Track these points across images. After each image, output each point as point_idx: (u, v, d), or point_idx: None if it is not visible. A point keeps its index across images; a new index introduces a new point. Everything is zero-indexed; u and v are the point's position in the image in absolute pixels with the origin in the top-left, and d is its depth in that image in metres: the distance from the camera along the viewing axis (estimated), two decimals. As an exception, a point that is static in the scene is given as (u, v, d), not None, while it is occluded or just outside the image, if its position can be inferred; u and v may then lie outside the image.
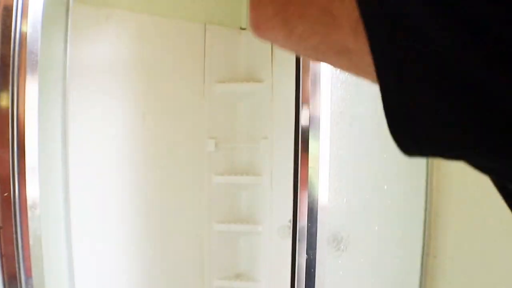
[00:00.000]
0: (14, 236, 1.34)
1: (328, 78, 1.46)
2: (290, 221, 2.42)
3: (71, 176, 1.81)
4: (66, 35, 1.77)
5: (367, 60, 0.36)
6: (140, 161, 2.66)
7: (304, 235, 1.47)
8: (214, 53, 2.90)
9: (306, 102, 1.42)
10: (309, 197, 1.45)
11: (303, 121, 1.46)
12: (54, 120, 1.73)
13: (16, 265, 1.36)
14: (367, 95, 1.70)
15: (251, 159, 2.95)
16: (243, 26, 3.00)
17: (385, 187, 1.84)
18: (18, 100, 1.32)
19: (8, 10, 1.29)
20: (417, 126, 0.34)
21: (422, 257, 2.12)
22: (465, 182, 2.05)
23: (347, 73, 0.50)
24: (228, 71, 2.93)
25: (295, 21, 0.43)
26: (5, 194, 1.28)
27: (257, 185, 2.89)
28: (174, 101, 2.79)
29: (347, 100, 1.56)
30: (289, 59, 2.57)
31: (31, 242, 1.35)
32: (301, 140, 1.45)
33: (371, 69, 0.36)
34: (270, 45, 2.82)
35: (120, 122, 2.59)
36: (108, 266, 2.59)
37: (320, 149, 1.46)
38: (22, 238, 1.33)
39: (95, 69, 2.50)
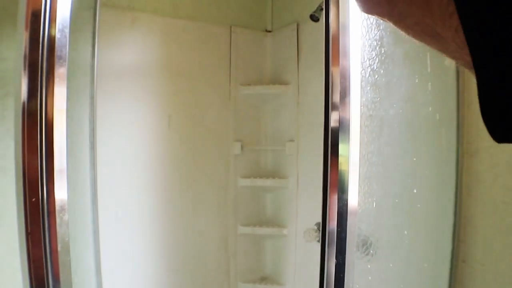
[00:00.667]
0: (42, 241, 1.34)
1: (358, 80, 1.44)
2: (316, 225, 2.42)
3: (99, 179, 1.81)
4: (94, 39, 1.78)
5: (454, 47, 0.41)
6: (166, 164, 2.67)
7: (334, 239, 1.45)
8: (239, 55, 2.90)
9: (336, 104, 1.41)
10: (338, 200, 1.44)
11: (333, 123, 1.44)
12: (82, 124, 1.74)
13: (44, 270, 1.36)
14: (397, 98, 1.68)
15: (276, 162, 2.94)
16: (269, 29, 2.99)
17: (415, 191, 1.81)
18: (46, 105, 1.32)
19: (36, 16, 1.30)
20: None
21: (452, 262, 2.09)
22: (495, 187, 2.02)
23: (378, 75, 0.58)
24: (254, 73, 2.93)
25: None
26: (33, 199, 1.27)
27: (283, 188, 2.88)
28: (199, 104, 2.79)
29: (377, 103, 1.54)
30: (316, 61, 2.56)
31: (59, 248, 1.35)
32: (331, 143, 1.44)
33: (459, 55, 0.41)
34: (296, 47, 2.81)
35: (146, 124, 2.60)
36: (134, 268, 2.60)
37: (350, 151, 1.44)
38: (50, 243, 1.33)
39: (122, 72, 2.51)
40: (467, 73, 1.64)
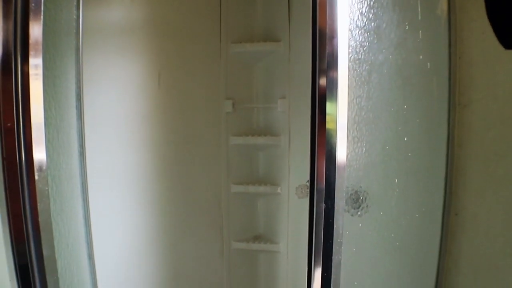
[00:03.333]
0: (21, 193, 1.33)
1: (346, 23, 1.42)
2: (308, 181, 2.41)
3: (87, 135, 1.79)
4: None
5: None
6: (156, 122, 2.65)
7: (322, 193, 1.44)
8: (230, 12, 2.86)
9: (323, 46, 1.38)
10: (326, 156, 1.42)
11: (321, 80, 1.41)
12: (68, 82, 1.71)
13: (23, 221, 1.35)
14: (387, 43, 1.66)
15: (268, 119, 2.92)
16: (259, -15, 2.94)
17: (405, 139, 1.80)
18: (22, 59, 1.30)
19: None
20: None
21: (443, 214, 2.09)
22: (487, 138, 2.01)
23: (367, 19, 0.54)
24: (244, 30, 2.89)
25: None
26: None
27: (275, 146, 2.87)
28: (190, 61, 2.76)
29: (365, 47, 1.52)
30: (306, 17, 2.52)
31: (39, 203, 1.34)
32: (318, 97, 1.41)
33: None
34: (287, 4, 2.78)
35: (136, 82, 2.57)
36: (124, 225, 2.60)
37: (338, 101, 1.41)
38: (30, 195, 1.32)
39: (110, 31, 2.47)
40: (459, 23, 1.61)
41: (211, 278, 3.01)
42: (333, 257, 1.47)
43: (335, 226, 1.44)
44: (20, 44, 1.28)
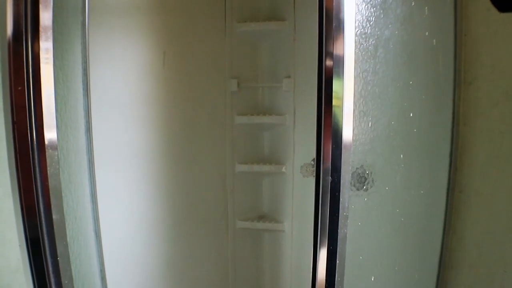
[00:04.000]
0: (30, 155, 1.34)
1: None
2: (313, 160, 2.42)
3: (92, 112, 1.80)
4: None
5: None
6: (161, 101, 2.65)
7: (328, 167, 1.45)
8: (235, -9, 2.85)
9: (329, 19, 1.38)
10: (332, 133, 1.42)
11: (328, 53, 1.41)
12: (75, 56, 1.71)
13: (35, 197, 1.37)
14: (393, 18, 1.66)
15: (273, 98, 2.92)
16: (264, -37, 2.93)
17: (411, 114, 1.80)
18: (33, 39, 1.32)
19: None
20: None
21: (448, 191, 2.10)
22: (492, 115, 2.01)
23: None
24: (250, 9, 2.88)
25: None
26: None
27: (280, 125, 2.87)
28: (195, 40, 2.76)
29: (371, 22, 1.52)
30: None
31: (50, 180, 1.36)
32: (325, 71, 1.42)
33: None
34: (292, -17, 2.77)
35: (141, 61, 2.57)
36: (130, 204, 2.61)
37: (345, 75, 1.41)
38: (39, 159, 1.33)
39: (116, 9, 2.47)
40: (465, 0, 1.61)
41: (215, 257, 3.03)
42: (338, 231, 1.48)
43: (341, 199, 1.45)
44: (31, 17, 1.29)
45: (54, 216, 1.38)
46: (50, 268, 1.40)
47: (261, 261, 3.11)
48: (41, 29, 1.32)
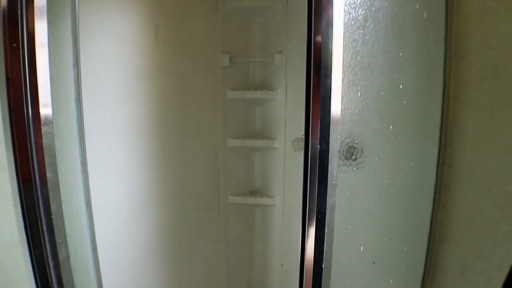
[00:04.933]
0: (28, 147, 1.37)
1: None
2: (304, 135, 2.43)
3: (83, 91, 1.80)
4: None
5: None
6: (153, 75, 2.65)
7: (317, 135, 1.46)
8: (225, -34, 2.84)
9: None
10: (321, 92, 1.43)
11: (316, 21, 1.41)
12: (66, 24, 1.71)
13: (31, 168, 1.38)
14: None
15: (265, 73, 2.92)
16: None
17: (401, 86, 1.81)
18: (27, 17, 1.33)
19: None
20: None
21: (438, 165, 2.11)
22: (482, 90, 2.02)
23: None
24: (241, -16, 2.87)
25: None
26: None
27: (272, 100, 2.88)
28: (187, 14, 2.75)
29: (361, -8, 1.52)
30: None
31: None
32: (314, 41, 1.42)
33: None
34: (283, -43, 2.76)
35: (132, 34, 2.56)
36: (121, 180, 2.61)
37: (334, 46, 1.42)
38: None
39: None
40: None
41: (207, 231, 3.05)
42: (327, 199, 1.49)
43: (329, 168, 1.46)
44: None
45: (48, 174, 1.40)
46: (44, 227, 1.42)
47: (253, 235, 3.13)
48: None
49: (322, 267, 1.54)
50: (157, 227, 2.79)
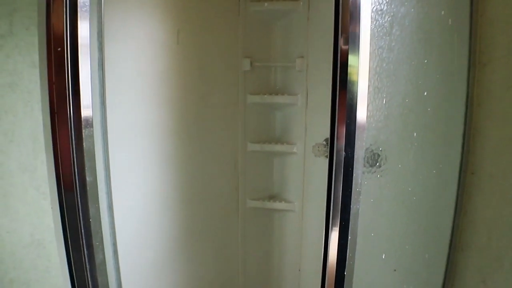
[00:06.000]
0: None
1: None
2: (325, 140, 2.42)
3: (107, 94, 1.81)
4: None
5: None
6: (174, 79, 2.65)
7: (342, 146, 1.46)
8: (249, -30, 2.84)
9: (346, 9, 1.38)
10: (347, 115, 1.43)
11: (344, 27, 1.41)
12: (92, 37, 1.72)
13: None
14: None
15: (286, 78, 2.93)
16: None
17: (425, 93, 1.80)
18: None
19: None
20: None
21: (460, 173, 2.10)
22: (506, 97, 2.00)
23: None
24: (263, -12, 2.87)
25: None
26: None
27: (292, 105, 2.87)
28: (209, 19, 2.76)
29: (388, -1, 1.52)
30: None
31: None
32: (341, 49, 1.41)
33: None
34: (306, -38, 2.76)
35: (155, 39, 2.57)
36: (142, 182, 2.62)
37: (360, 59, 1.41)
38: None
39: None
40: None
41: (225, 236, 3.05)
42: (351, 206, 1.49)
43: (354, 175, 1.46)
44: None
45: (87, 178, 1.42)
46: (83, 230, 1.44)
47: (271, 240, 3.13)
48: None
49: (344, 274, 1.54)
50: (176, 230, 2.80)
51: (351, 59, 1.38)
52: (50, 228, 2.00)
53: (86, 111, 1.42)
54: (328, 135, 1.49)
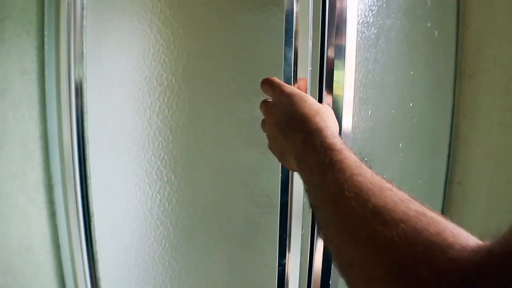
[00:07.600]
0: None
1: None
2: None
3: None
4: None
5: None
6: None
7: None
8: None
9: (333, 11, 1.39)
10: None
11: (329, 40, 1.42)
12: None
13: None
14: (395, 8, 1.67)
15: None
16: None
17: (411, 104, 1.82)
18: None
19: None
20: None
21: (446, 183, 2.11)
22: (492, 108, 2.03)
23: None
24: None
25: None
26: None
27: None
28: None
29: (374, 11, 1.54)
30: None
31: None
32: (327, 61, 1.43)
33: None
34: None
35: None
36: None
37: (346, 66, 1.43)
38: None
39: None
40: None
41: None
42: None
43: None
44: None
45: None
46: None
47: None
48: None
49: (329, 283, 1.55)
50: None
51: (336, 71, 1.39)
52: (38, 234, 1.99)
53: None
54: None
